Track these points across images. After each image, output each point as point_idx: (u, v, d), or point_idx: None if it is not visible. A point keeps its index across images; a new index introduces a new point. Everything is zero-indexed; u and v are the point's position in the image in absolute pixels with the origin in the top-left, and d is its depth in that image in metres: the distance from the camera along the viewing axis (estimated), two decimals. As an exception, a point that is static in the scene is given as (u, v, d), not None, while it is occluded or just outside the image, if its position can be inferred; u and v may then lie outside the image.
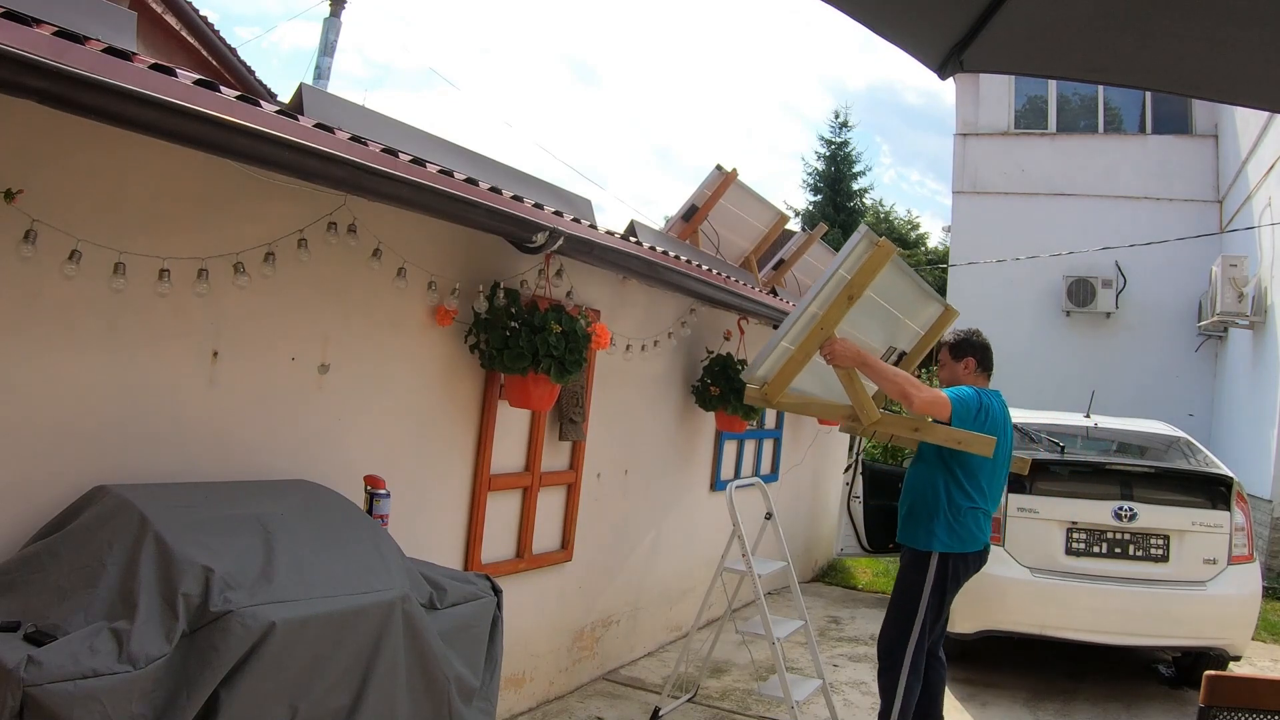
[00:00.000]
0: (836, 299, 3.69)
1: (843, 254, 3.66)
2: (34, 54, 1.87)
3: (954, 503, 3.78)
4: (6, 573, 2.20)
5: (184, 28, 7.74)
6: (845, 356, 3.69)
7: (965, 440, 3.65)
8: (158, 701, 1.96)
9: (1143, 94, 12.42)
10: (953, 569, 3.80)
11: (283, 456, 3.03)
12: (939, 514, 3.78)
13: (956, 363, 4.06)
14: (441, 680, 2.54)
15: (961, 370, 4.02)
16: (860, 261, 3.64)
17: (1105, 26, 1.69)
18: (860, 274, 3.65)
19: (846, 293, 3.66)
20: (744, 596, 5.34)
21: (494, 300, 3.64)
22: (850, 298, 3.65)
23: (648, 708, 4.48)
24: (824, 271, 3.74)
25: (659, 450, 5.37)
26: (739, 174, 6.42)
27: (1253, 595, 5.10)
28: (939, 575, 3.78)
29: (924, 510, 3.82)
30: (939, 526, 3.77)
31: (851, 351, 3.69)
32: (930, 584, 3.78)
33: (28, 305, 2.34)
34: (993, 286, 12.49)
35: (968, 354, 4.07)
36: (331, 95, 3.83)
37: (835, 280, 3.67)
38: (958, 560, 3.80)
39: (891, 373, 3.74)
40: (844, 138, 23.87)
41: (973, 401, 3.81)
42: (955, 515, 3.77)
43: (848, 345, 3.70)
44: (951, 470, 3.80)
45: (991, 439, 3.61)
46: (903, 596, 3.87)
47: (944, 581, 3.80)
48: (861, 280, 3.64)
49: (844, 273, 3.66)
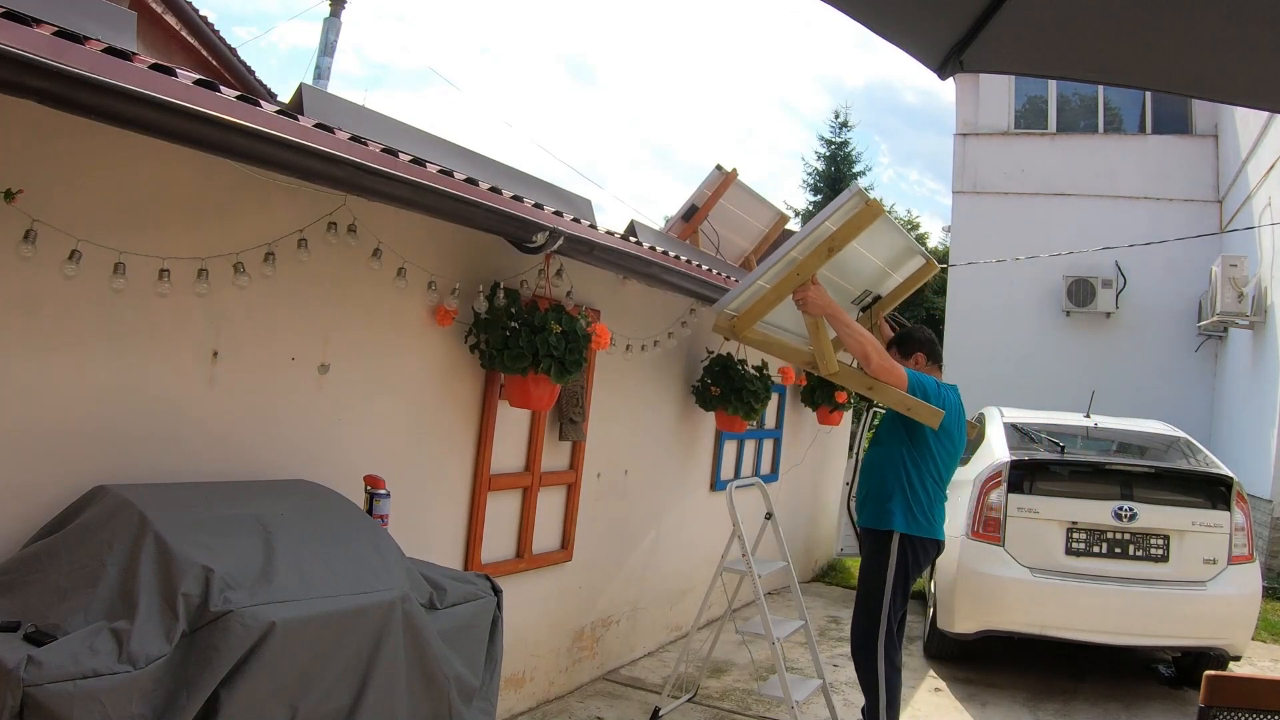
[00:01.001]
0: (818, 248, 3.76)
1: (832, 206, 3.72)
2: (34, 54, 1.87)
3: (913, 486, 3.86)
4: (6, 573, 2.20)
5: (184, 28, 7.75)
6: (816, 305, 3.79)
7: (915, 408, 3.78)
8: (158, 701, 1.96)
9: (1143, 94, 12.41)
10: (913, 553, 3.86)
11: (283, 456, 3.03)
12: (898, 495, 3.86)
13: (906, 359, 4.16)
14: (441, 680, 2.54)
15: (912, 366, 4.10)
16: (847, 216, 3.70)
17: (1105, 26, 1.69)
18: (845, 228, 3.71)
19: (828, 244, 3.74)
20: (744, 596, 5.34)
21: (494, 300, 3.64)
22: (831, 250, 3.74)
23: (648, 708, 4.48)
24: (813, 219, 3.81)
25: (659, 450, 5.36)
26: (739, 174, 6.42)
27: (1253, 595, 5.11)
28: (900, 557, 3.85)
29: (883, 491, 3.91)
30: (897, 507, 3.85)
31: (823, 301, 3.80)
32: (893, 566, 3.85)
33: (28, 305, 2.34)
34: (993, 286, 12.49)
35: (915, 349, 4.20)
36: (331, 95, 3.83)
37: (820, 230, 3.74)
38: (917, 544, 3.86)
39: (858, 331, 3.84)
40: (844, 137, 23.87)
41: (931, 387, 3.91)
42: (914, 499, 3.86)
43: (821, 294, 3.80)
44: (910, 456, 3.88)
45: (939, 411, 3.75)
46: (868, 585, 3.94)
47: (905, 564, 3.86)
48: (845, 235, 3.71)
49: (830, 224, 3.73)
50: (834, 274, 4.13)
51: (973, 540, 5.26)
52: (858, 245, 3.98)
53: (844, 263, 4.10)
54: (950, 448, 3.96)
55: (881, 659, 3.83)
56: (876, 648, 3.84)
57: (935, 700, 5.08)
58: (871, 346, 3.78)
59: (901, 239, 4.44)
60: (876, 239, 4.17)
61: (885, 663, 3.84)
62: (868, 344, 3.78)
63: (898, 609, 3.89)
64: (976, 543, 5.25)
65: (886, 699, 3.83)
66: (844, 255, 3.91)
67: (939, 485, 3.94)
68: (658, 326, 5.11)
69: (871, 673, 3.85)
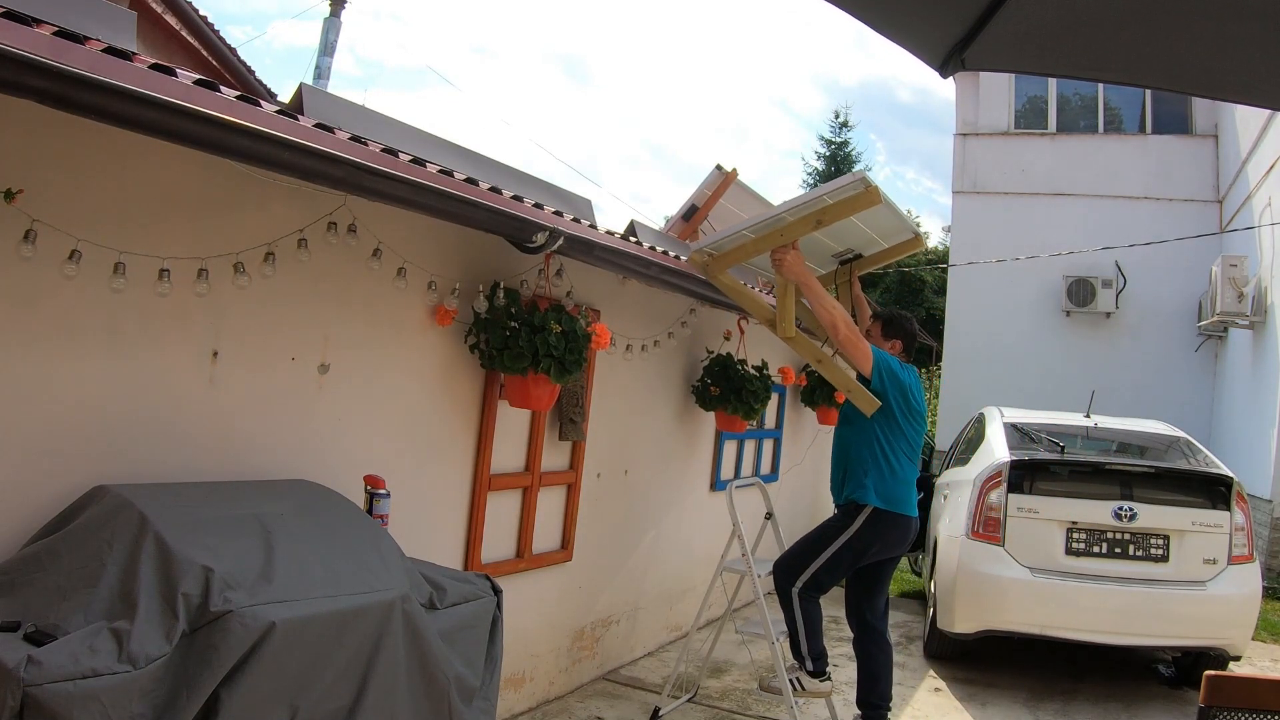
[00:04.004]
0: (806, 217, 3.83)
1: (836, 183, 3.78)
2: (34, 54, 1.87)
3: (887, 461, 3.96)
4: (6, 573, 2.20)
5: (184, 28, 7.74)
6: (791, 269, 3.87)
7: (855, 392, 3.91)
8: (158, 701, 1.96)
9: (1143, 94, 12.40)
10: (876, 530, 3.94)
11: (283, 456, 3.03)
12: (872, 470, 3.95)
13: (885, 340, 4.25)
14: (441, 680, 2.54)
15: (888, 349, 4.19)
16: (844, 196, 3.75)
17: (1106, 24, 1.69)
18: (839, 206, 3.77)
19: (817, 216, 3.80)
20: (744, 596, 5.34)
21: (494, 300, 3.64)
22: (819, 223, 3.80)
23: (648, 708, 4.48)
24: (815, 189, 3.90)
25: (659, 450, 5.36)
26: (738, 174, 6.41)
27: (1253, 595, 5.10)
28: (864, 526, 3.93)
29: (859, 468, 3.99)
30: (871, 480, 3.94)
31: (799, 268, 3.88)
32: (853, 530, 3.94)
33: (28, 305, 2.34)
34: (993, 286, 12.48)
35: (897, 336, 4.29)
36: (331, 95, 3.83)
37: (815, 202, 3.80)
38: (886, 519, 3.94)
39: (831, 303, 3.92)
40: (844, 137, 23.89)
41: (895, 365, 4.03)
42: (889, 473, 3.95)
43: (797, 261, 3.87)
44: (882, 432, 3.98)
45: (876, 400, 3.89)
46: (821, 532, 4.06)
47: (867, 535, 3.94)
48: (837, 212, 3.78)
49: (827, 198, 3.77)
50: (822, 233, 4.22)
51: (973, 540, 5.26)
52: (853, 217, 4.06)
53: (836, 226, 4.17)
54: (918, 425, 4.09)
55: (795, 593, 3.99)
56: (793, 584, 4.00)
57: (935, 700, 5.08)
58: (842, 319, 3.87)
59: (896, 218, 4.49)
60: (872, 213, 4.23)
61: (799, 598, 3.98)
62: (838, 316, 3.87)
63: (832, 569, 3.99)
64: (976, 543, 5.25)
65: (806, 628, 3.99)
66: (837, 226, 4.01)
67: (909, 461, 4.04)
68: (658, 326, 5.10)
69: (787, 602, 4.03)
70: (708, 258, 4.06)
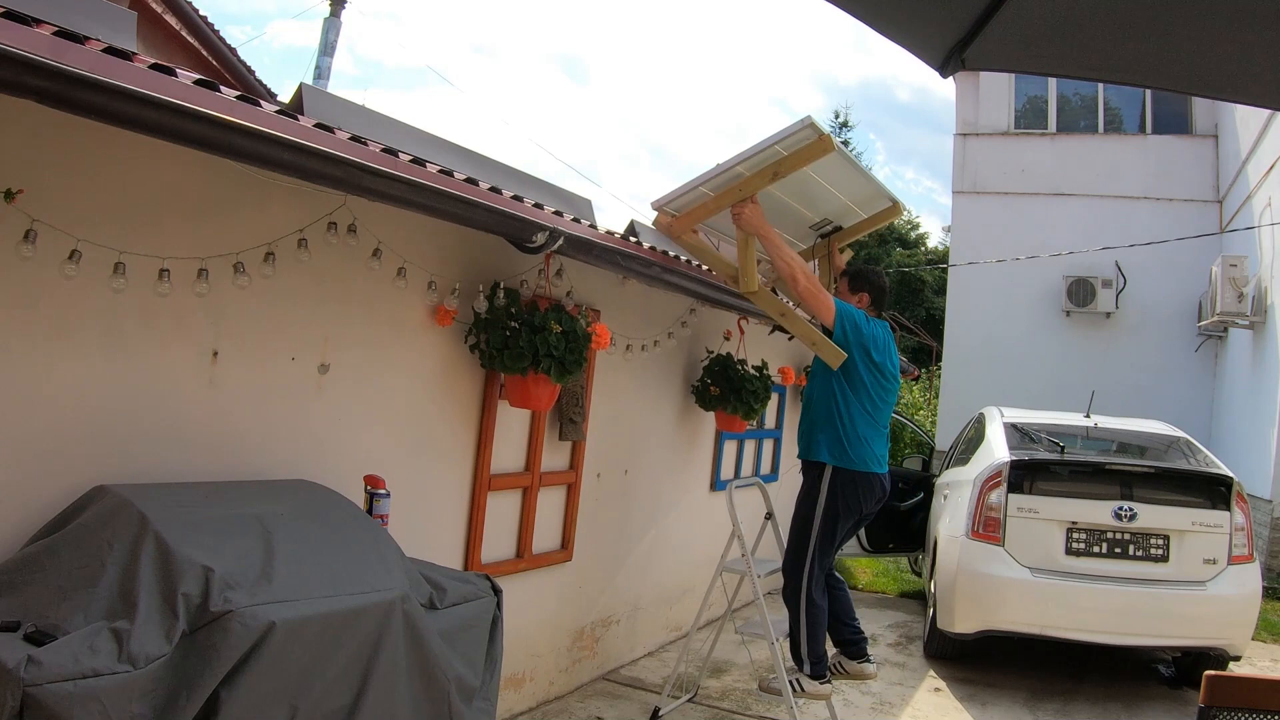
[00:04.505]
0: (763, 170, 3.82)
1: (784, 132, 3.74)
2: (34, 54, 1.87)
3: (843, 419, 3.93)
4: (6, 573, 2.20)
5: (184, 28, 7.74)
6: (750, 222, 3.89)
7: (820, 344, 3.91)
8: (158, 701, 1.96)
9: (1143, 94, 12.40)
10: (844, 489, 3.93)
11: (283, 456, 3.03)
12: (828, 428, 3.94)
13: (852, 295, 4.20)
14: (441, 680, 2.54)
15: (856, 304, 4.15)
16: (798, 146, 3.73)
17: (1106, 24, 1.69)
18: (794, 157, 3.75)
19: (774, 168, 3.79)
20: (744, 596, 5.34)
21: (494, 300, 3.64)
22: (775, 175, 3.79)
23: (648, 708, 4.48)
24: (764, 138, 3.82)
25: (659, 450, 5.36)
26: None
27: (1253, 595, 5.11)
28: (830, 491, 3.93)
29: (815, 424, 4.00)
30: (826, 438, 3.93)
31: (757, 220, 3.90)
32: (823, 498, 3.94)
33: (28, 305, 2.34)
34: (993, 287, 12.48)
35: (864, 289, 4.22)
36: (332, 95, 3.83)
37: (769, 153, 3.77)
38: (848, 478, 3.93)
39: (789, 253, 3.93)
40: (844, 137, 23.90)
41: (860, 319, 3.98)
42: (844, 431, 3.92)
43: (756, 213, 3.89)
44: (841, 389, 3.95)
45: (842, 352, 3.86)
46: (799, 514, 4.04)
47: (835, 498, 3.93)
48: (793, 163, 3.76)
49: (780, 149, 3.76)
50: (794, 200, 4.22)
51: (973, 540, 5.26)
52: (821, 180, 4.07)
53: (806, 191, 4.18)
54: (884, 382, 4.02)
55: (804, 591, 3.95)
56: (801, 578, 3.96)
57: (935, 700, 5.08)
58: (801, 271, 3.88)
59: (868, 182, 4.47)
60: (842, 177, 4.23)
61: (806, 597, 3.94)
62: (796, 267, 3.88)
63: (826, 545, 3.97)
64: (976, 543, 5.25)
65: (808, 633, 3.94)
66: (806, 185, 4.01)
67: (872, 419, 3.99)
68: (658, 326, 5.10)
69: (795, 603, 3.98)
70: (671, 219, 4.08)
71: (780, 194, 4.10)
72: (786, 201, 4.12)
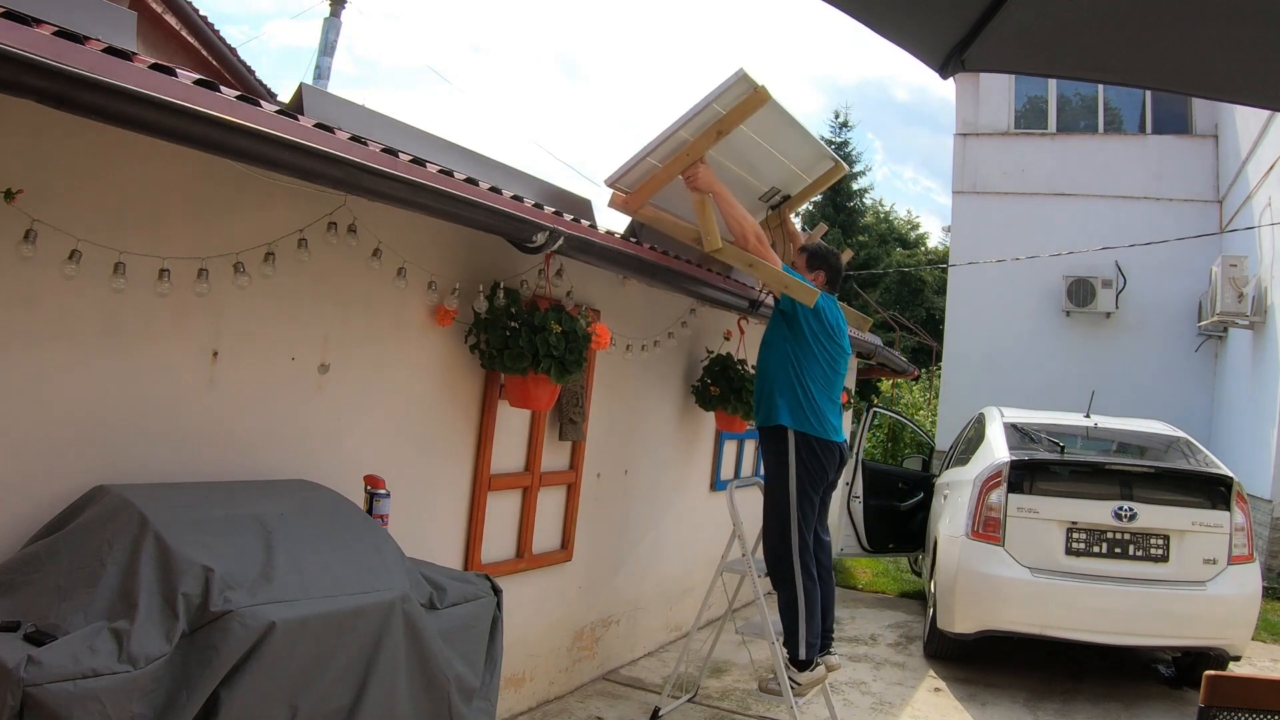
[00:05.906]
0: (706, 131, 3.89)
1: (719, 89, 3.81)
2: (34, 54, 1.87)
3: (798, 383, 3.98)
4: (6, 573, 2.20)
5: (184, 28, 7.74)
6: (703, 181, 4.00)
7: (791, 285, 3.97)
8: (158, 701, 1.96)
9: (1143, 94, 12.40)
10: (809, 452, 3.95)
11: (283, 456, 3.03)
12: (786, 392, 3.98)
13: (809, 271, 4.28)
14: (441, 680, 2.54)
15: (811, 279, 4.22)
16: (735, 102, 3.80)
17: (1106, 25, 1.69)
18: (734, 113, 3.81)
19: (717, 127, 3.86)
20: (744, 596, 5.33)
21: (494, 300, 3.64)
22: (720, 133, 3.87)
23: (648, 708, 4.48)
24: (700, 99, 3.88)
25: (659, 450, 5.36)
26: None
27: (1253, 595, 5.11)
28: (798, 455, 3.95)
29: (770, 389, 4.04)
30: (783, 401, 3.96)
31: (709, 179, 4.00)
32: (793, 464, 3.95)
33: (27, 305, 2.34)
34: (993, 286, 12.49)
35: (820, 267, 4.32)
36: (332, 95, 3.82)
37: (708, 112, 3.84)
38: (811, 443, 3.95)
39: (741, 213, 4.03)
40: (844, 137, 23.89)
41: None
42: (802, 396, 3.97)
43: (708, 173, 3.99)
44: (793, 354, 4.01)
45: (814, 289, 3.95)
46: (772, 488, 4.05)
47: (805, 463, 3.95)
48: (734, 119, 3.83)
49: (718, 107, 3.82)
50: (742, 169, 4.27)
51: (973, 540, 5.27)
52: (764, 144, 4.12)
53: (750, 159, 4.24)
54: (833, 351, 4.10)
55: (798, 570, 3.92)
56: (791, 558, 3.93)
57: (935, 700, 5.08)
58: (752, 231, 3.99)
59: (803, 134, 4.49)
60: (782, 138, 4.28)
61: (802, 573, 3.92)
62: (748, 228, 3.99)
63: (808, 515, 3.97)
64: (976, 543, 5.25)
65: (806, 613, 3.91)
66: (750, 152, 4.07)
67: (824, 388, 4.04)
68: (658, 326, 5.11)
69: (789, 586, 3.94)
70: (625, 196, 4.12)
71: (727, 162, 4.18)
72: (734, 171, 4.22)
